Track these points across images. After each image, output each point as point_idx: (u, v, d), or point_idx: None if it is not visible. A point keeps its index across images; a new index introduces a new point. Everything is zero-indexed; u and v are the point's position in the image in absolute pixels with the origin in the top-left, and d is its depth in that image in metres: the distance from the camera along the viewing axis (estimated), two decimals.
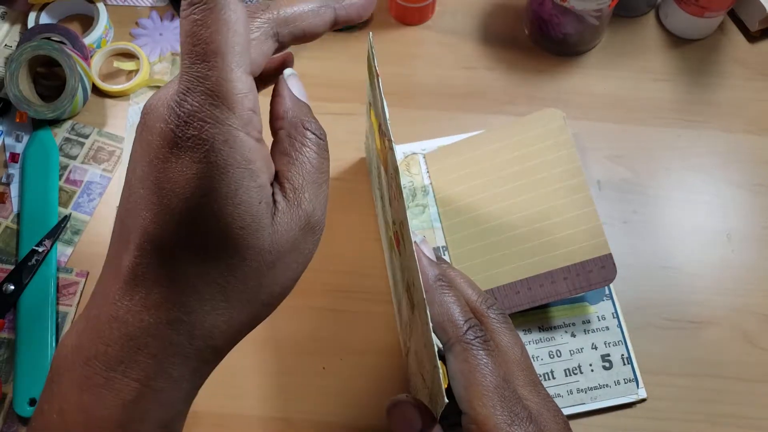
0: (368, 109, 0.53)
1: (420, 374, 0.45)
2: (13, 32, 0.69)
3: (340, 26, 0.37)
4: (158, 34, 0.70)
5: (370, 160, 0.59)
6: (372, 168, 0.59)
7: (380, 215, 0.58)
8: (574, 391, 0.54)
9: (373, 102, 0.48)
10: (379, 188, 0.55)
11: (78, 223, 0.62)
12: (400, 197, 0.41)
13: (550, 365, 0.55)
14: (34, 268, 0.59)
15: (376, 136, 0.49)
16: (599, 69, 0.69)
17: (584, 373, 0.55)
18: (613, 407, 0.55)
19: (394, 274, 0.53)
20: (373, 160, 0.56)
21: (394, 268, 0.53)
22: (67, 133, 0.65)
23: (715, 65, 0.69)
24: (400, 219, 0.43)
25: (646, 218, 0.62)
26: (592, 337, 0.56)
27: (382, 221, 0.56)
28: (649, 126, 0.66)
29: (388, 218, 0.50)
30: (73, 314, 0.58)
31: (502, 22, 0.71)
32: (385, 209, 0.52)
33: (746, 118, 0.67)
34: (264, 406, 0.56)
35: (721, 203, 0.63)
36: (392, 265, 0.54)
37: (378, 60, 0.69)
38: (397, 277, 0.50)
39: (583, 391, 0.54)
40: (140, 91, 0.67)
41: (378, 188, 0.55)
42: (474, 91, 0.68)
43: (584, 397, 0.54)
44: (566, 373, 0.55)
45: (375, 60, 0.44)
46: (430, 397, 0.41)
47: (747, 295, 0.59)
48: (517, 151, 0.58)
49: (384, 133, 0.44)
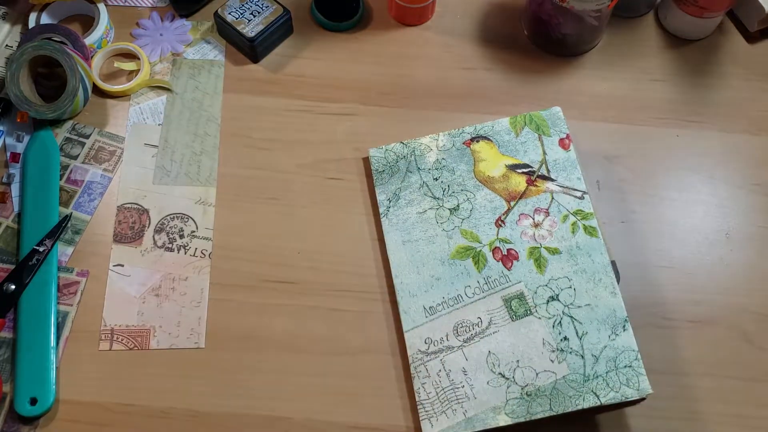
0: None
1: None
2: (14, 33, 0.69)
3: None
4: (159, 35, 0.70)
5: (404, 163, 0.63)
6: (398, 171, 0.63)
7: (439, 221, 0.61)
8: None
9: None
10: (434, 196, 0.61)
11: (79, 223, 0.62)
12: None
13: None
14: (35, 268, 0.59)
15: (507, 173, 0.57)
16: (598, 69, 0.69)
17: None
18: (613, 405, 0.55)
19: (454, 281, 0.58)
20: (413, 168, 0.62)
21: (456, 275, 0.58)
22: (67, 133, 0.65)
23: (714, 65, 0.70)
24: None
25: (644, 218, 0.62)
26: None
27: (451, 230, 0.60)
28: (647, 126, 0.66)
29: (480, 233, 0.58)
30: (74, 313, 0.58)
31: (501, 22, 0.72)
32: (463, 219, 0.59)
33: (745, 119, 0.67)
34: (264, 406, 0.56)
35: (719, 203, 0.63)
36: (457, 271, 0.58)
37: (377, 60, 0.69)
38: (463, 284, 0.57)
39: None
40: (141, 91, 0.67)
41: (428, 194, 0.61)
42: (473, 92, 0.68)
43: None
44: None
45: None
46: None
47: (746, 295, 0.59)
48: None
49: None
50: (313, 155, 0.64)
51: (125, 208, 0.63)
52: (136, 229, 0.62)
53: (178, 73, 0.68)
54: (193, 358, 0.57)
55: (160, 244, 0.61)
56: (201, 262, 0.60)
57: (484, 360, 0.55)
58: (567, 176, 0.60)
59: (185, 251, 0.61)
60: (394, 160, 0.63)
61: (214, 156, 0.65)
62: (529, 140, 0.62)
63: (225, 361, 0.57)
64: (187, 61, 0.69)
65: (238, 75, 0.68)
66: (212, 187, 0.63)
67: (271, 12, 0.68)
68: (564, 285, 0.56)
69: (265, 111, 0.67)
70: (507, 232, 0.59)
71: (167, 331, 0.58)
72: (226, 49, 0.70)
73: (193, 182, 0.64)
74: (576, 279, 0.56)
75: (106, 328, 0.58)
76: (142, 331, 0.58)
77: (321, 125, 0.66)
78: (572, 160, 0.60)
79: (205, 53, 0.69)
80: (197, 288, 0.60)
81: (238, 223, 0.62)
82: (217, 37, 0.70)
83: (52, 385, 0.55)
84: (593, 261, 0.57)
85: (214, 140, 0.65)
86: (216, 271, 0.60)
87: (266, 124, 0.66)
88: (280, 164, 0.64)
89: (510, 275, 0.58)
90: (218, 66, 0.69)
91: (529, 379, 0.54)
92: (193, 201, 0.63)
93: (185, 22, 0.71)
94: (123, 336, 0.58)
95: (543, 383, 0.54)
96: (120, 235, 0.61)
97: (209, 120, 0.66)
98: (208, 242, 0.61)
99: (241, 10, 0.68)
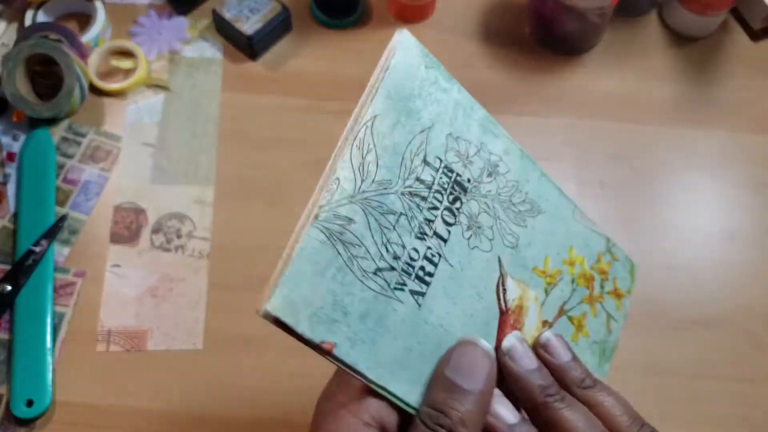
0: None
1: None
2: (10, 30, 0.69)
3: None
4: (156, 33, 0.70)
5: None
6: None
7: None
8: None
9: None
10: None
11: (75, 223, 0.61)
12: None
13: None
14: (31, 268, 0.58)
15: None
16: (601, 68, 0.69)
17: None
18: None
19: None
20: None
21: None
22: (64, 132, 0.65)
23: (717, 64, 0.69)
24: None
25: (648, 218, 0.62)
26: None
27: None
28: (651, 125, 0.66)
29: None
30: (70, 314, 0.58)
31: (503, 20, 0.71)
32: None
33: (749, 117, 0.66)
34: (265, 407, 0.55)
35: (724, 203, 0.63)
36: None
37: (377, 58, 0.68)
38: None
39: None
40: (138, 89, 0.67)
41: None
42: (474, 91, 0.67)
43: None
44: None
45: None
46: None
47: (751, 296, 0.59)
48: None
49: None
50: (312, 154, 0.64)
51: (122, 207, 0.62)
52: (133, 229, 0.61)
53: (175, 71, 0.68)
54: (191, 359, 0.57)
55: (157, 245, 0.60)
56: (199, 263, 0.60)
57: None
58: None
59: (183, 251, 0.60)
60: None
61: (212, 155, 0.64)
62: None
63: (223, 362, 0.57)
64: (184, 59, 0.68)
65: (237, 73, 0.68)
66: (210, 187, 0.63)
67: (269, 9, 0.67)
68: None
69: (264, 109, 0.66)
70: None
71: (164, 333, 0.57)
72: (224, 47, 0.69)
73: (190, 182, 0.63)
74: None
75: (103, 330, 0.57)
76: (139, 333, 0.57)
77: (320, 123, 0.65)
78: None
79: (203, 51, 0.69)
80: (195, 289, 0.59)
81: (236, 222, 0.61)
82: (215, 34, 0.70)
83: (48, 387, 0.55)
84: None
85: (212, 139, 0.65)
86: (214, 272, 0.60)
87: (265, 122, 0.66)
88: (279, 163, 0.64)
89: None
90: (216, 64, 0.68)
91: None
92: (190, 201, 0.62)
93: (183, 20, 0.70)
94: (120, 337, 0.57)
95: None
96: (117, 236, 0.61)
97: (207, 118, 0.66)
98: (206, 242, 0.61)
99: (239, 8, 0.67)
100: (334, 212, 0.31)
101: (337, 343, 0.31)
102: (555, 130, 0.66)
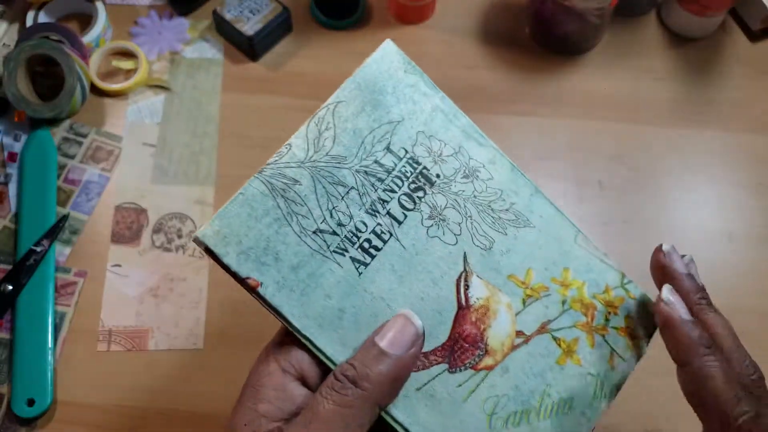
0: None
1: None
2: (11, 31, 0.69)
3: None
4: (157, 33, 0.70)
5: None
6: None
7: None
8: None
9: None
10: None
11: (76, 223, 0.61)
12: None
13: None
14: (32, 268, 0.58)
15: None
16: (600, 68, 0.69)
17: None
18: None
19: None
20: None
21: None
22: (65, 132, 0.65)
23: (716, 64, 0.69)
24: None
25: (646, 218, 0.62)
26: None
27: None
28: (650, 125, 0.66)
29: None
30: (71, 314, 0.58)
31: (502, 21, 0.71)
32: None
33: (748, 118, 0.66)
34: None
35: (722, 203, 0.63)
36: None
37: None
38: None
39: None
40: (139, 90, 0.67)
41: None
42: (474, 91, 0.68)
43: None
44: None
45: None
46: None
47: (748, 295, 0.59)
48: None
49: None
50: None
51: (123, 207, 0.62)
52: (134, 229, 0.61)
53: (176, 71, 0.68)
54: (192, 359, 0.57)
55: (158, 244, 0.61)
56: (200, 263, 0.60)
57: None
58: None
59: (183, 251, 0.60)
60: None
61: (213, 155, 0.64)
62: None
63: (224, 362, 0.57)
64: (185, 60, 0.69)
65: (237, 73, 0.68)
66: (211, 187, 0.63)
67: (270, 10, 0.67)
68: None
69: (264, 110, 0.66)
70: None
71: (165, 332, 0.58)
72: (224, 48, 0.69)
73: (191, 182, 0.63)
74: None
75: (104, 329, 0.58)
76: (140, 332, 0.58)
77: None
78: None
79: (203, 52, 0.69)
80: (196, 288, 0.59)
81: None
82: (216, 35, 0.70)
83: (49, 386, 0.55)
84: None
85: (212, 139, 0.65)
86: (215, 272, 0.60)
87: (265, 122, 0.66)
88: None
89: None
90: (217, 64, 0.68)
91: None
92: (191, 201, 0.62)
93: (184, 21, 0.71)
94: (121, 337, 0.57)
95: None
96: (118, 235, 0.61)
97: (208, 119, 0.66)
98: None
99: (240, 8, 0.67)
100: (281, 171, 0.37)
101: (264, 283, 0.35)
102: (554, 130, 0.66)
